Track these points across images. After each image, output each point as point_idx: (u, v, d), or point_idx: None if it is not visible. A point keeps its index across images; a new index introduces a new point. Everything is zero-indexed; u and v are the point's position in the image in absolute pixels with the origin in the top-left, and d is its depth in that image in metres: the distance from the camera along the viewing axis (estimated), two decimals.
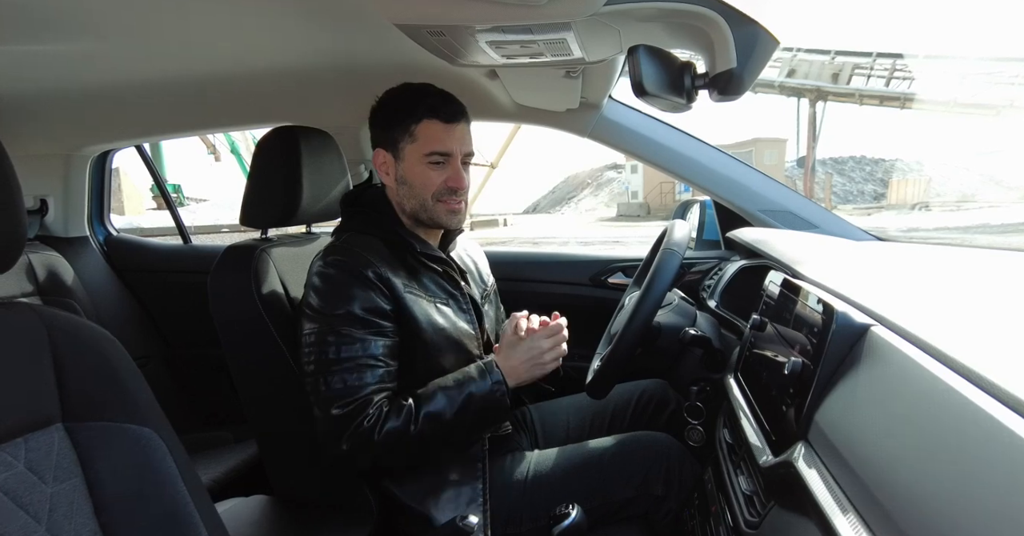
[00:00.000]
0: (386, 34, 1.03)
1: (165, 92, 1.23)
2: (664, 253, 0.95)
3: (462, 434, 0.89)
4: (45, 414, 0.54)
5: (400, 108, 0.93)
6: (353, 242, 0.93)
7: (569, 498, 0.95)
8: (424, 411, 0.85)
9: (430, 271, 0.97)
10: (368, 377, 0.85)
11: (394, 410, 0.84)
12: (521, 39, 0.70)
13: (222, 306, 0.97)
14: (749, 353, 0.81)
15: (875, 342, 0.50)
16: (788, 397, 0.59)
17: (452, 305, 0.97)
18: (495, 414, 0.89)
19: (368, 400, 0.84)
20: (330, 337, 0.85)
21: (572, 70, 0.90)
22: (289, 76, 1.18)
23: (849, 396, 0.49)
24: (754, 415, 0.69)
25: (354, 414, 0.82)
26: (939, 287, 0.66)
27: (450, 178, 0.93)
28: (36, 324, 0.56)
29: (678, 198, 24.15)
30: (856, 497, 0.41)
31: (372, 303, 0.87)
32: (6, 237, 0.53)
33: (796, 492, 0.50)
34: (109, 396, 0.58)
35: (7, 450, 0.50)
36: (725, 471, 0.76)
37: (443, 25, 0.67)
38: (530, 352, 0.91)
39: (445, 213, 0.95)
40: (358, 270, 0.87)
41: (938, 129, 25.24)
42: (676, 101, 0.68)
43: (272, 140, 1.06)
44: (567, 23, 0.64)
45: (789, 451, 0.53)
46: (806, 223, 1.26)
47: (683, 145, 1.30)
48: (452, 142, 0.92)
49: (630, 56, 0.62)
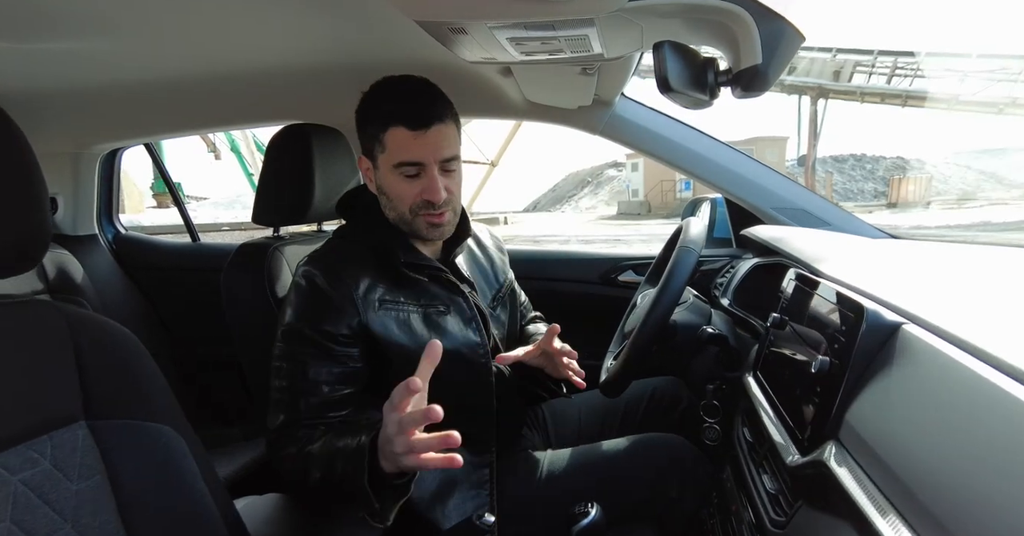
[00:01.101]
0: (399, 30, 1.03)
1: (176, 90, 1.22)
2: (681, 251, 0.95)
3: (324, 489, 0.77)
4: (68, 412, 0.54)
5: (369, 114, 0.87)
6: (335, 251, 0.90)
7: (583, 499, 0.95)
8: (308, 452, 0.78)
9: (417, 280, 0.90)
10: (302, 402, 0.82)
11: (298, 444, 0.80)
12: (542, 36, 0.69)
13: (235, 304, 0.97)
14: (768, 352, 0.80)
15: (907, 340, 0.50)
16: (815, 396, 0.59)
17: (452, 311, 0.92)
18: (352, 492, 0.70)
19: (296, 422, 0.82)
20: (283, 353, 0.84)
21: (589, 67, 0.89)
22: (300, 73, 1.18)
23: (882, 395, 0.49)
24: (777, 414, 0.69)
25: (282, 432, 0.82)
26: (965, 284, 0.66)
27: (425, 190, 0.85)
28: (59, 322, 0.56)
29: (679, 197, 24.12)
30: (896, 498, 0.41)
31: (330, 325, 0.83)
32: (32, 237, 0.53)
33: (828, 492, 0.50)
34: (130, 394, 0.58)
35: (33, 447, 0.51)
36: (746, 470, 0.76)
37: (465, 21, 0.66)
38: (384, 433, 0.65)
39: (425, 227, 0.88)
40: (326, 286, 0.84)
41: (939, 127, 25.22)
42: (699, 97, 0.67)
43: (284, 138, 1.06)
44: (590, 19, 0.64)
45: (819, 450, 0.53)
46: (819, 221, 1.25)
47: (695, 142, 1.30)
48: (423, 151, 0.83)
49: (655, 52, 0.61)
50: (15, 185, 0.52)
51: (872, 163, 40.84)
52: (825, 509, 0.52)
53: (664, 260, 1.25)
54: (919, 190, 24.48)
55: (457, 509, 0.90)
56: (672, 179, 24.44)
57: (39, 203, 0.53)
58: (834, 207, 1.26)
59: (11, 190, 0.52)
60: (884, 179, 34.20)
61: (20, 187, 0.52)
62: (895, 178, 27.73)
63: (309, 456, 0.78)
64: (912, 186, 24.84)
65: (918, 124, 30.79)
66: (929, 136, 32.49)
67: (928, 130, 32.48)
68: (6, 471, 0.49)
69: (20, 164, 0.52)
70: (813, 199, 1.27)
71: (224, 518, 0.61)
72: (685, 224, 1.04)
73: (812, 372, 0.59)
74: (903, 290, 0.59)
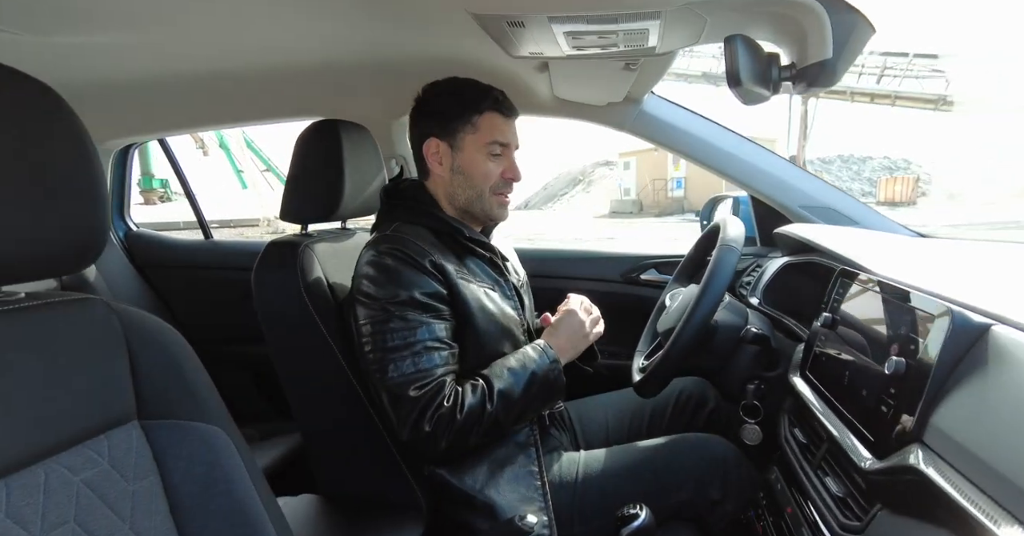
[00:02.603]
0: (429, 26, 1.01)
1: (194, 84, 1.20)
2: (723, 250, 0.94)
3: (527, 411, 0.92)
4: (123, 411, 0.54)
5: (463, 99, 0.95)
6: (403, 231, 0.92)
7: (623, 500, 0.94)
8: (496, 389, 0.87)
9: (477, 257, 0.98)
10: (437, 359, 0.85)
11: (469, 389, 0.86)
12: (602, 29, 0.67)
13: (268, 302, 0.95)
14: (821, 352, 0.79)
15: (999, 342, 0.49)
16: (889, 398, 0.58)
17: (498, 291, 0.98)
18: (553, 391, 0.93)
19: (442, 382, 0.84)
20: (392, 323, 0.85)
21: (633, 62, 0.88)
22: (324, 69, 1.16)
23: (978, 398, 0.48)
24: (838, 415, 0.67)
25: (433, 395, 0.83)
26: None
27: (507, 170, 0.97)
28: (112, 320, 0.56)
29: (670, 195, 24.22)
30: (1009, 504, 0.40)
31: (431, 288, 0.87)
32: (93, 233, 0.51)
33: (920, 497, 0.49)
34: (180, 394, 0.58)
35: (92, 447, 0.50)
36: (800, 471, 0.75)
37: (529, 15, 0.64)
38: (570, 327, 0.97)
39: (497, 206, 0.99)
40: (413, 258, 0.88)
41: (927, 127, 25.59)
42: (762, 93, 0.66)
43: (313, 134, 1.03)
44: (657, 12, 0.62)
45: (901, 454, 0.52)
46: (847, 219, 1.25)
47: (721, 139, 1.29)
48: (510, 134, 0.97)
49: (727, 45, 0.60)
50: (79, 180, 0.50)
51: (859, 164, 41.23)
52: (913, 514, 0.51)
53: (694, 259, 1.24)
54: (906, 190, 24.83)
55: (511, 488, 0.91)
56: (663, 178, 24.54)
57: (101, 199, 0.51)
58: (862, 205, 1.26)
59: (75, 185, 0.50)
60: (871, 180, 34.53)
61: (84, 182, 0.50)
62: (882, 178, 28.06)
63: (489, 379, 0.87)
64: (899, 186, 25.19)
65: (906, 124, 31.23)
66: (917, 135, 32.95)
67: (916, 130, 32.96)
68: (69, 471, 0.48)
69: (84, 158, 0.50)
70: (841, 197, 1.26)
71: (271, 519, 0.61)
72: (722, 223, 1.03)
73: (885, 373, 0.58)
74: (979, 291, 0.58)
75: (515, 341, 0.97)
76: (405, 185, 1.03)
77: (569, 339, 0.97)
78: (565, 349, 0.96)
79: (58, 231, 0.49)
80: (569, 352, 0.97)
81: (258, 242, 1.81)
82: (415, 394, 0.83)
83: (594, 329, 1.00)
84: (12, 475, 0.45)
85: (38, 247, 0.48)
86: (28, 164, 0.47)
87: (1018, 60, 22.36)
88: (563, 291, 1.43)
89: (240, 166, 23.19)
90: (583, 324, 0.98)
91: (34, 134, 0.47)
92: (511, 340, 0.96)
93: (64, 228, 0.49)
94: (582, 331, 0.98)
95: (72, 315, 0.53)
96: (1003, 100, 17.45)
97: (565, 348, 0.96)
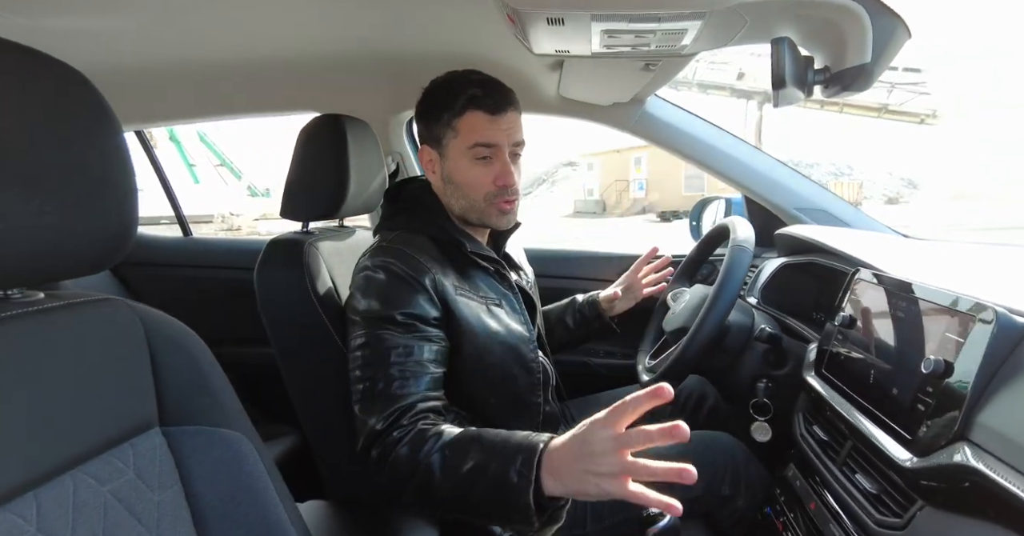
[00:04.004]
0: (435, 22, 0.99)
1: (180, 74, 1.14)
2: (735, 251, 0.95)
3: (462, 506, 0.70)
4: (146, 417, 0.51)
5: (441, 101, 0.87)
6: (402, 242, 0.87)
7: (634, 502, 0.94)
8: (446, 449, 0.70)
9: (481, 270, 0.92)
10: (412, 386, 0.78)
11: (426, 432, 0.73)
12: (640, 28, 0.67)
13: (273, 302, 0.91)
14: (838, 351, 0.81)
15: None
16: (927, 396, 0.59)
17: (505, 306, 0.93)
18: (506, 507, 0.64)
19: (411, 406, 0.77)
20: (375, 341, 0.79)
21: (653, 63, 0.88)
22: (327, 62, 1.12)
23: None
24: (866, 413, 0.69)
25: (393, 423, 0.75)
26: None
27: (499, 175, 0.87)
28: (134, 321, 0.53)
29: (632, 197, 24.66)
30: None
31: (420, 309, 0.81)
32: (122, 229, 0.47)
33: (971, 494, 0.50)
34: (202, 399, 0.56)
35: (117, 455, 0.48)
36: (823, 468, 0.76)
37: (569, 12, 0.63)
38: (582, 448, 0.60)
39: (496, 214, 0.91)
40: (408, 274, 0.82)
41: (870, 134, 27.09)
42: (798, 95, 0.67)
43: (318, 128, 0.99)
44: (703, 12, 0.62)
45: (947, 452, 0.53)
46: (839, 221, 1.29)
47: (720, 141, 1.31)
48: (498, 133, 0.86)
49: (775, 47, 0.60)
50: (110, 169, 0.46)
51: (808, 169, 43.19)
52: (960, 510, 0.53)
53: (696, 260, 1.26)
54: (851, 194, 26.14)
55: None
56: (626, 179, 24.97)
57: (131, 194, 0.48)
58: (852, 208, 1.30)
59: (105, 174, 0.46)
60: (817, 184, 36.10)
61: (115, 171, 0.46)
62: (830, 183, 29.47)
63: (430, 459, 0.70)
64: (845, 190, 26.49)
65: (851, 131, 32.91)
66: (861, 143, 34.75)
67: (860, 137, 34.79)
68: (96, 482, 0.46)
69: (116, 150, 0.46)
70: (833, 200, 1.30)
71: (295, 527, 0.60)
72: (731, 224, 1.04)
73: (923, 372, 0.59)
74: (1010, 291, 0.60)
75: (523, 361, 0.91)
76: (411, 187, 0.98)
77: (573, 462, 0.61)
78: (560, 473, 0.62)
79: (87, 226, 0.45)
80: (566, 481, 0.61)
81: (241, 240, 1.72)
82: (375, 424, 0.75)
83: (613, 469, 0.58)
84: (42, 486, 0.42)
85: (65, 245, 0.44)
86: (57, 153, 0.42)
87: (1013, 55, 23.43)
88: (563, 291, 1.42)
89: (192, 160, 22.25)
90: (592, 456, 0.59)
91: (63, 120, 0.43)
92: (518, 359, 0.90)
93: (93, 223, 0.45)
94: (590, 465, 0.59)
95: (95, 316, 0.50)
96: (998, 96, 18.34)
97: (560, 472, 0.62)
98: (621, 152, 24.79)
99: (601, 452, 0.57)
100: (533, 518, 0.62)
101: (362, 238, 1.13)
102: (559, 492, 0.62)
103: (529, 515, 0.62)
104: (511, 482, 0.62)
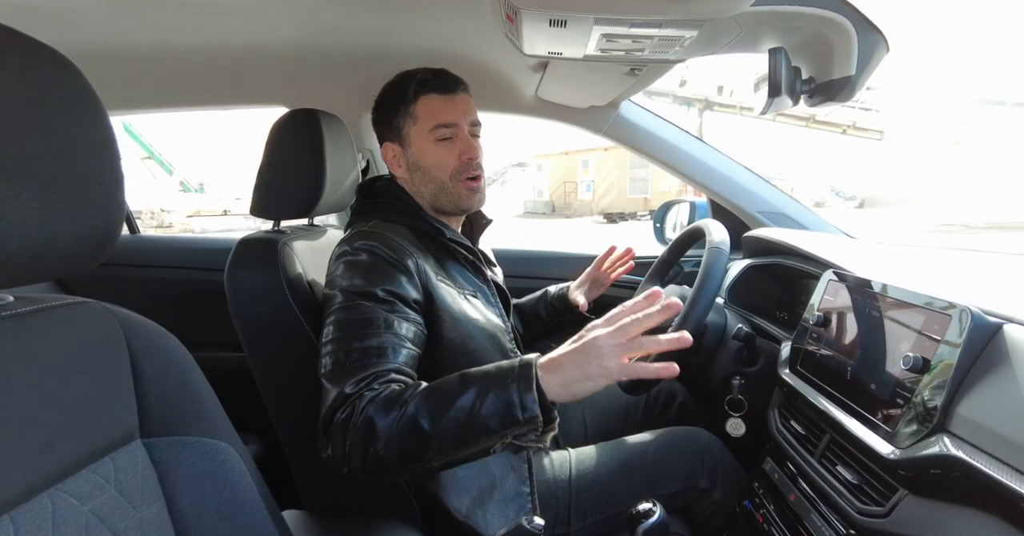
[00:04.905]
0: (412, 19, 0.96)
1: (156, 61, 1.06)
2: (713, 252, 0.98)
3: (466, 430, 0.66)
4: (126, 429, 0.48)
5: (395, 93, 0.90)
6: (382, 228, 0.86)
7: (618, 496, 0.96)
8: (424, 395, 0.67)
9: (458, 260, 0.93)
10: (389, 355, 0.73)
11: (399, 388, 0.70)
12: (640, 33, 0.67)
13: (247, 304, 0.86)
14: (813, 348, 0.85)
15: (1016, 339, 0.55)
16: (905, 391, 0.63)
17: (480, 297, 0.93)
18: (510, 414, 0.64)
19: (384, 373, 0.72)
20: (354, 312, 0.76)
21: (639, 67, 0.89)
22: (298, 55, 1.07)
23: (1004, 388, 0.53)
24: (844, 408, 0.73)
25: (365, 387, 0.70)
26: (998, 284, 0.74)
27: (463, 151, 0.90)
28: (113, 326, 0.49)
29: (580, 198, 25.11)
30: None
31: (402, 289, 0.79)
32: (109, 224, 0.43)
33: (953, 481, 0.54)
34: (185, 407, 0.53)
35: (98, 471, 0.45)
36: (803, 461, 0.80)
37: (573, 14, 0.63)
38: (583, 342, 0.65)
39: (466, 192, 0.92)
40: (389, 255, 0.81)
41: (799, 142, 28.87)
42: (787, 103, 0.70)
43: (293, 123, 0.94)
44: (702, 22, 0.63)
45: (928, 443, 0.57)
46: (797, 224, 1.36)
47: (689, 146, 1.35)
48: (455, 112, 0.89)
49: (772, 57, 0.63)
50: (99, 164, 0.42)
51: None
52: (942, 498, 0.56)
53: (668, 260, 1.29)
54: None
55: (499, 512, 0.87)
56: (574, 181, 25.40)
57: (119, 186, 0.44)
58: (809, 211, 1.38)
59: (93, 170, 0.41)
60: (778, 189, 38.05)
61: (104, 166, 0.42)
62: None
63: (407, 408, 0.65)
64: None
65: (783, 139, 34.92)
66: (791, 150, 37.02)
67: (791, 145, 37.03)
68: (76, 500, 0.43)
69: (104, 139, 0.42)
70: (792, 203, 1.37)
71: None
72: (705, 226, 1.07)
73: (902, 368, 0.63)
74: (973, 290, 0.65)
75: (503, 350, 0.90)
76: (382, 183, 0.97)
77: (572, 353, 0.65)
78: (558, 366, 0.65)
79: (72, 222, 0.41)
80: (568, 374, 0.64)
81: (192, 238, 1.62)
82: (350, 390, 0.69)
83: (619, 349, 0.63)
84: (19, 507, 0.39)
85: (50, 243, 0.40)
86: (41, 144, 0.38)
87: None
88: (530, 290, 1.43)
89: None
90: (595, 340, 0.64)
91: (48, 108, 0.39)
92: (498, 348, 0.90)
93: (79, 218, 0.41)
94: (593, 351, 0.64)
95: (71, 321, 0.46)
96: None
97: (564, 367, 0.65)
98: (569, 154, 25.19)
99: (603, 337, 0.64)
100: (538, 417, 0.63)
101: (334, 238, 1.09)
102: (558, 386, 0.64)
103: (534, 416, 0.63)
104: (511, 391, 0.64)
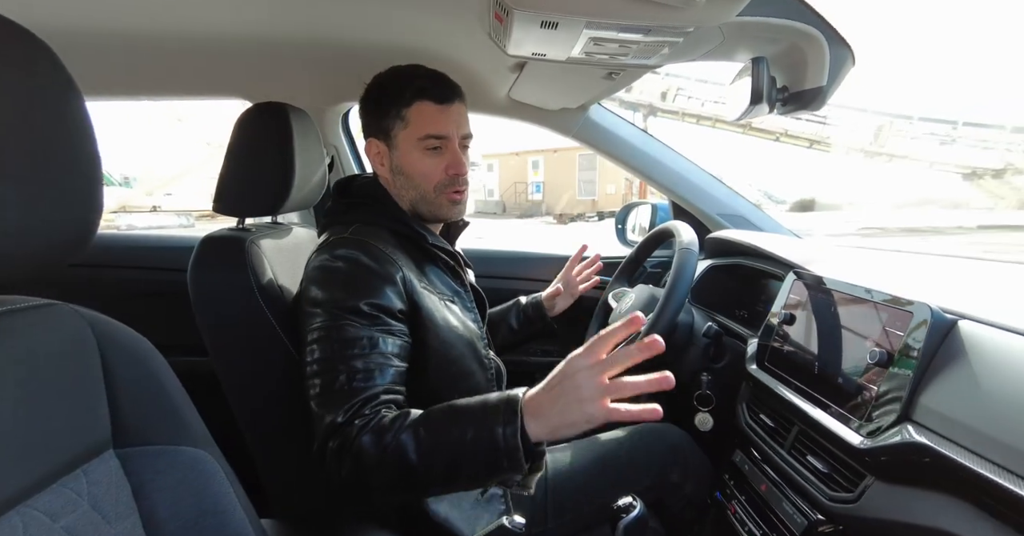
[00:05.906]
0: (389, 14, 0.94)
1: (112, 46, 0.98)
2: (684, 253, 1.01)
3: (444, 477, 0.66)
4: (98, 439, 0.46)
5: (389, 92, 0.87)
6: (364, 234, 0.83)
7: (594, 492, 0.98)
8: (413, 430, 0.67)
9: (437, 264, 0.91)
10: (376, 378, 0.73)
11: (389, 417, 0.69)
12: (628, 38, 0.69)
13: (212, 305, 0.81)
14: (781, 345, 0.89)
15: (969, 334, 0.60)
16: (871, 383, 0.68)
17: (458, 303, 0.92)
18: (494, 464, 0.64)
19: (374, 397, 0.72)
20: (336, 332, 0.74)
21: (616, 72, 0.91)
22: (262, 46, 1.02)
23: (961, 379, 0.58)
24: (812, 401, 0.77)
25: (354, 414, 0.70)
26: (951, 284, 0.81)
27: (450, 165, 0.87)
28: (84, 329, 0.47)
29: (530, 198, 25.33)
30: (1017, 465, 0.49)
31: (387, 301, 0.78)
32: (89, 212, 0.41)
33: (918, 466, 0.58)
34: (161, 415, 0.51)
35: (69, 485, 0.42)
36: (772, 453, 0.84)
37: (564, 16, 0.63)
38: (563, 381, 0.62)
39: (447, 204, 0.90)
40: (376, 266, 0.79)
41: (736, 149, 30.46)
42: (763, 110, 0.73)
43: (260, 117, 0.90)
44: (689, 30, 0.65)
45: (894, 431, 0.61)
46: (753, 226, 1.42)
47: (654, 149, 1.39)
48: (447, 125, 0.86)
49: (755, 65, 0.65)
50: (78, 155, 0.39)
51: None
52: (907, 483, 0.61)
53: (636, 260, 1.32)
54: None
55: (476, 514, 0.87)
56: (524, 182, 25.59)
57: (97, 178, 0.41)
58: (763, 213, 1.45)
59: (71, 160, 0.38)
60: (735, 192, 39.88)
61: (82, 157, 0.39)
62: None
63: (399, 439, 0.65)
64: None
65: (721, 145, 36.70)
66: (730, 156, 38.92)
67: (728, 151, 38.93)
68: (49, 518, 0.40)
69: (81, 126, 0.39)
70: (748, 206, 1.44)
71: None
72: (674, 228, 1.11)
73: (868, 362, 0.68)
74: (930, 290, 0.71)
75: (479, 357, 0.90)
76: (362, 182, 0.94)
77: (553, 398, 0.62)
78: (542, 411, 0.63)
79: (47, 217, 0.38)
80: (550, 419, 0.62)
81: (147, 236, 1.51)
82: (339, 420, 0.69)
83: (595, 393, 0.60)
84: None
85: (25, 240, 0.36)
86: (18, 133, 0.35)
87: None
88: (499, 291, 1.43)
89: None
90: (577, 386, 0.61)
91: (23, 91, 0.36)
92: (474, 355, 0.90)
93: (54, 213, 0.38)
94: (575, 394, 0.60)
95: (39, 324, 0.43)
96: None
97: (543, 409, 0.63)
98: (519, 155, 25.35)
99: (584, 378, 0.60)
100: (523, 466, 0.63)
101: (301, 235, 1.05)
102: (544, 433, 0.63)
103: (519, 464, 0.63)
104: (497, 437, 0.63)
